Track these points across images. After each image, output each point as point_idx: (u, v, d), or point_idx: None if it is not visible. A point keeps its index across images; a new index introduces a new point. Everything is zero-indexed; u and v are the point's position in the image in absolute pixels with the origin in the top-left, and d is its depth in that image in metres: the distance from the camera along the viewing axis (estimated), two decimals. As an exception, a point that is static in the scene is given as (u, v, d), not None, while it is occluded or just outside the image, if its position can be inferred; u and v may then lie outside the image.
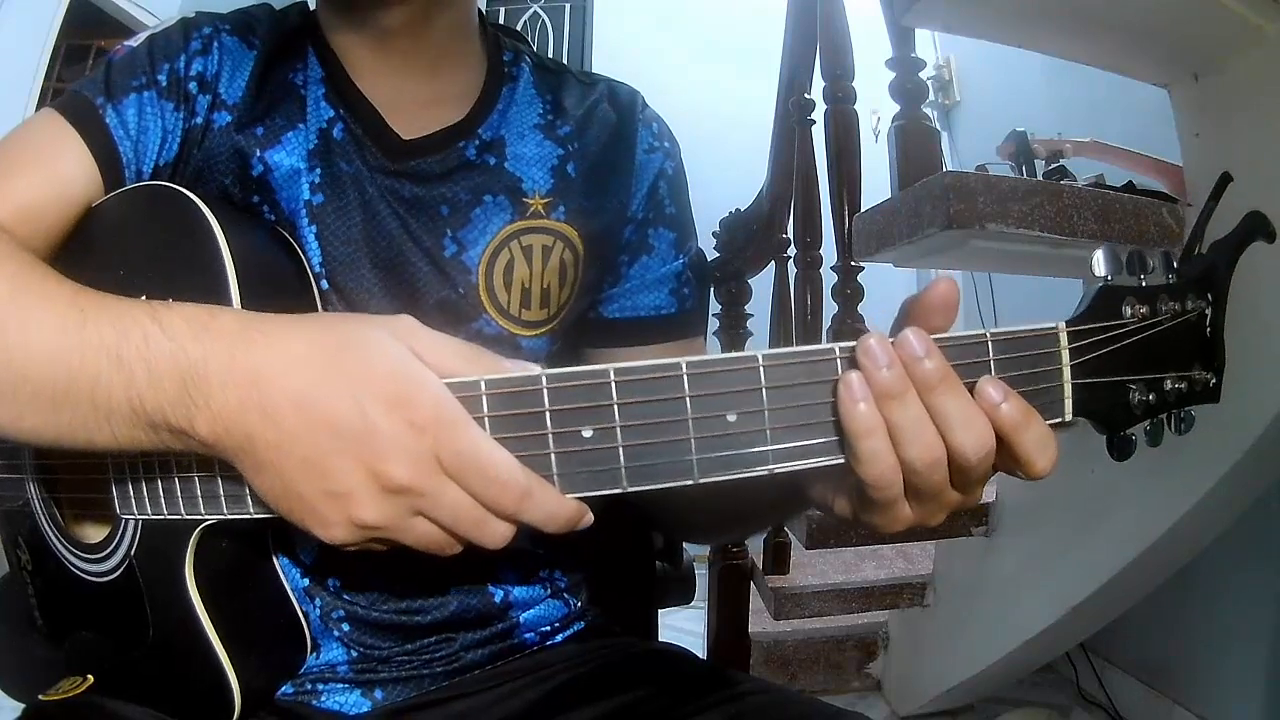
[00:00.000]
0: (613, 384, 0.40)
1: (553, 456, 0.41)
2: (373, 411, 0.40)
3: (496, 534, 0.43)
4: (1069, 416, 0.43)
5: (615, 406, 0.40)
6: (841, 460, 0.42)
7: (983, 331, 0.42)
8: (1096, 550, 1.44)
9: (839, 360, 0.41)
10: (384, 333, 0.43)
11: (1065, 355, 0.43)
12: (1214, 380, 0.44)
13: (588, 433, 0.41)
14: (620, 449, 0.41)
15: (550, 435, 0.41)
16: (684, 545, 1.01)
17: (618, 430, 0.40)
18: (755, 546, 1.89)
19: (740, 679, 0.67)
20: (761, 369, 0.41)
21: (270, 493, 0.43)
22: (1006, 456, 0.42)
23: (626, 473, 0.41)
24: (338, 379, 0.41)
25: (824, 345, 0.41)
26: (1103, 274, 0.43)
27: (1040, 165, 1.71)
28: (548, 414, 0.41)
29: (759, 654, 1.92)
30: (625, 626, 0.81)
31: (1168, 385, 0.44)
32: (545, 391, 0.41)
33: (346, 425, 0.41)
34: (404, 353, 0.42)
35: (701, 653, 1.74)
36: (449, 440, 0.41)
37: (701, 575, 1.38)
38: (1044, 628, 1.55)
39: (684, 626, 2.10)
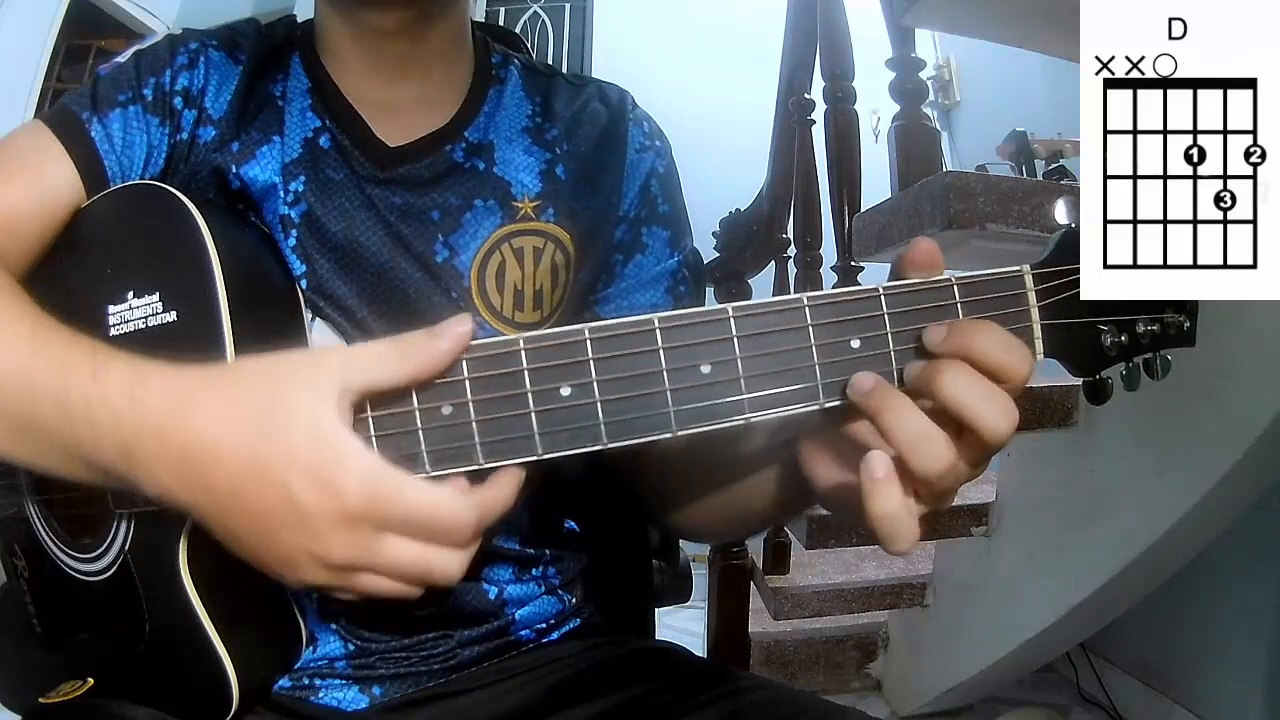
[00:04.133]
0: (587, 340, 0.41)
1: (533, 416, 0.42)
2: (304, 499, 0.41)
3: (451, 569, 0.44)
4: (1040, 356, 0.44)
5: (591, 362, 0.41)
6: (817, 406, 0.42)
7: (948, 276, 0.42)
8: (1096, 550, 1.43)
9: (807, 309, 0.42)
10: (308, 396, 0.42)
11: (1032, 296, 0.44)
12: (1188, 324, 0.44)
13: (566, 390, 0.41)
14: (599, 404, 0.42)
15: (529, 394, 0.42)
16: (681, 544, 1.00)
17: (595, 385, 0.41)
18: (755, 546, 1.89)
19: (739, 676, 0.67)
20: (732, 319, 0.42)
21: (229, 544, 0.45)
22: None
23: (606, 429, 0.42)
24: (264, 467, 0.41)
25: (792, 295, 0.42)
26: (1065, 221, 0.44)
27: (1040, 165, 1.71)
28: (526, 374, 0.42)
29: (759, 654, 1.92)
30: (622, 625, 0.81)
31: (1140, 328, 0.44)
32: (523, 352, 0.42)
33: (279, 516, 0.42)
34: (327, 424, 0.41)
35: (701, 653, 1.74)
36: (385, 515, 0.41)
37: (701, 575, 1.37)
38: (1044, 628, 1.55)
39: (684, 626, 2.10)
